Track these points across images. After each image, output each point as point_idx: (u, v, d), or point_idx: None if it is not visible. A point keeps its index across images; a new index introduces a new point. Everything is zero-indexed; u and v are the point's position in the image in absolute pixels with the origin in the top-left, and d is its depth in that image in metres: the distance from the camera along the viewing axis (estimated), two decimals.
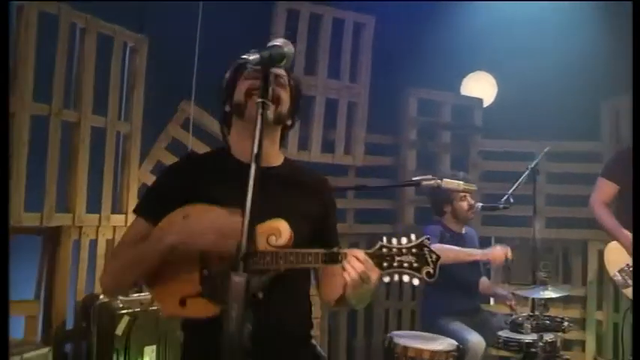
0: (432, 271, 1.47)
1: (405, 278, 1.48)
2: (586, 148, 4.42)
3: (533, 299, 3.13)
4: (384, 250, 1.49)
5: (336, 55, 4.26)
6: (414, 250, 1.48)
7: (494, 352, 3.04)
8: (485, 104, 4.82)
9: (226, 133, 1.67)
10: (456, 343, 2.69)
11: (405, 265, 1.48)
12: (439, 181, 2.57)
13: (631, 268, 2.83)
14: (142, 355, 3.07)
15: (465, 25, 4.61)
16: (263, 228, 1.44)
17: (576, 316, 4.22)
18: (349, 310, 4.09)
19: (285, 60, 1.30)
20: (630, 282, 2.80)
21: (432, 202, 3.82)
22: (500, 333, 2.85)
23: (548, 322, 2.67)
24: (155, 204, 1.58)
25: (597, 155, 4.36)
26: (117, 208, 3.43)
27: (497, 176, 4.54)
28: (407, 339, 2.73)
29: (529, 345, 2.67)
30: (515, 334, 2.76)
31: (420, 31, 4.55)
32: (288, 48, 1.30)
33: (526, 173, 3.32)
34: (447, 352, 2.61)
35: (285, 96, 1.61)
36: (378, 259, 1.48)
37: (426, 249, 1.49)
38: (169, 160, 3.65)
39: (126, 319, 3.02)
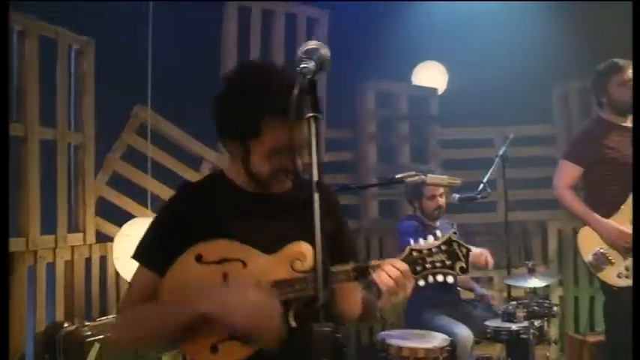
0: (464, 265, 1.45)
1: (439, 278, 1.44)
2: (539, 131, 4.56)
3: (509, 286, 3.20)
4: (415, 253, 1.44)
5: (292, 52, 4.15)
6: (443, 248, 1.45)
7: (483, 343, 3.06)
8: (438, 93, 4.88)
9: (244, 155, 1.43)
10: (449, 338, 2.69)
11: (438, 264, 1.44)
12: (423, 177, 2.55)
13: (602, 250, 2.90)
14: None
15: (415, 16, 4.66)
16: (285, 253, 1.38)
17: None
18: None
19: (327, 64, 1.19)
20: (604, 265, 2.87)
21: (405, 196, 3.81)
22: (488, 323, 2.88)
23: (537, 308, 2.72)
24: (159, 251, 1.42)
25: (550, 138, 4.52)
26: (73, 225, 3.17)
27: (457, 164, 4.60)
28: (399, 339, 2.69)
29: (519, 332, 2.71)
30: (504, 323, 2.80)
31: (371, 23, 4.54)
32: (326, 51, 1.19)
33: (496, 161, 3.35)
34: (442, 349, 2.60)
35: None
36: (410, 264, 1.42)
37: (455, 244, 1.46)
38: (126, 170, 3.42)
39: (97, 346, 2.79)
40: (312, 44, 1.19)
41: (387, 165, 4.64)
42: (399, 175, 2.59)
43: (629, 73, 2.93)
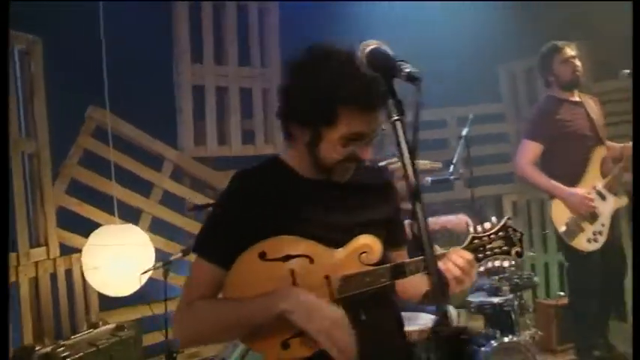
0: (519, 250, 1.47)
1: (497, 263, 1.49)
2: (489, 110, 4.72)
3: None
4: (477, 241, 1.46)
5: (245, 43, 4.07)
6: (500, 234, 1.47)
7: (466, 317, 3.17)
8: None
9: (314, 142, 1.35)
10: (435, 317, 2.76)
11: (497, 250, 1.46)
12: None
13: (573, 219, 3.07)
14: None
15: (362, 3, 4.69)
16: (352, 246, 1.34)
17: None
18: None
19: None
20: (575, 233, 3.05)
21: None
22: (470, 298, 2.98)
23: (518, 280, 2.85)
24: (224, 245, 1.35)
25: (500, 116, 4.71)
26: (35, 240, 2.95)
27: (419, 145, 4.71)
28: None
29: (502, 305, 2.83)
30: (486, 297, 2.90)
31: (319, 9, 4.52)
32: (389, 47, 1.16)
33: (462, 141, 3.45)
34: (428, 327, 2.66)
35: None
36: (473, 252, 1.43)
37: (510, 229, 1.48)
38: (85, 176, 3.23)
39: None
40: (372, 43, 1.15)
41: None
42: (382, 163, 2.62)
43: (569, 51, 3.13)
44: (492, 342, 2.48)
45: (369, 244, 1.33)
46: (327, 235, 1.33)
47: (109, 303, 3.34)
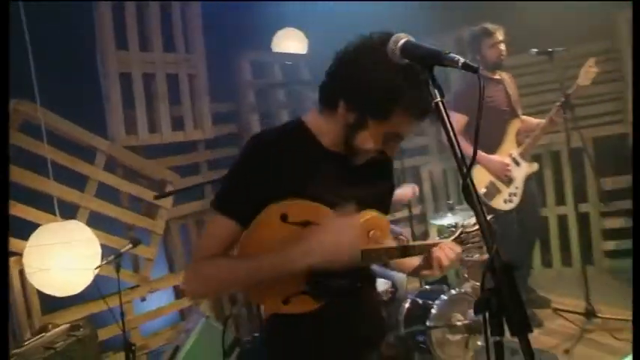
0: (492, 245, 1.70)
1: (476, 257, 1.70)
2: None
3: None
4: (463, 235, 1.65)
5: (168, 30, 4.00)
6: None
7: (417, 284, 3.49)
8: (289, 55, 5.03)
9: (356, 127, 1.42)
10: (389, 281, 3.05)
11: (476, 244, 1.66)
12: None
13: (492, 182, 3.52)
14: None
15: None
16: (363, 219, 1.46)
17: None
18: None
19: None
20: (494, 195, 3.50)
21: None
22: None
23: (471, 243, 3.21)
24: (243, 202, 1.39)
25: None
26: None
27: None
28: None
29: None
30: None
31: None
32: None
33: None
34: (386, 291, 2.96)
35: None
36: (460, 244, 1.62)
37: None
38: (15, 174, 3.03)
39: None
40: (404, 36, 1.26)
41: None
42: None
43: (498, 36, 3.54)
44: (443, 296, 2.83)
45: (377, 222, 1.49)
46: (340, 205, 1.42)
47: (49, 305, 3.22)
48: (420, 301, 2.89)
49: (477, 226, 1.64)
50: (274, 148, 1.43)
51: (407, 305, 2.90)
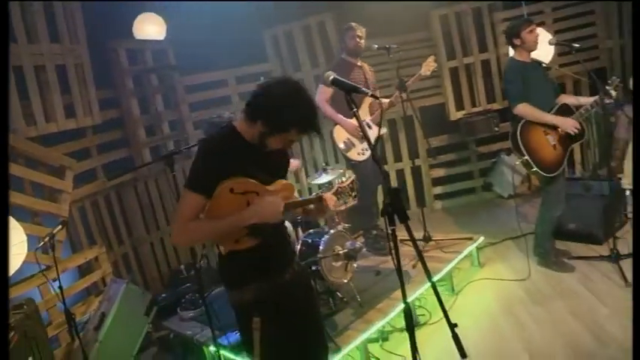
0: (356, 195, 2.57)
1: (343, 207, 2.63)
2: (260, 69, 5.90)
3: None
4: (339, 188, 2.52)
5: (52, 22, 4.31)
6: (350, 185, 2.56)
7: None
8: (158, 42, 5.51)
9: (267, 134, 2.17)
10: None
11: (347, 195, 2.52)
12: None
13: (348, 139, 4.53)
14: None
15: None
16: (278, 185, 2.31)
17: None
18: None
19: None
20: (350, 148, 4.52)
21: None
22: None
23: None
24: (206, 182, 2.14)
25: (268, 73, 5.94)
26: None
27: (202, 105, 5.64)
28: None
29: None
30: None
31: None
32: None
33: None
34: None
35: None
36: (337, 195, 2.49)
37: (354, 183, 2.56)
38: None
39: None
40: (332, 73, 2.19)
41: (148, 116, 5.34)
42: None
43: (359, 32, 4.49)
44: (325, 235, 3.82)
45: (286, 186, 2.35)
46: (262, 178, 2.25)
47: None
48: (310, 241, 3.82)
49: (346, 182, 2.54)
50: (220, 146, 2.20)
51: (299, 246, 3.85)
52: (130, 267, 5.12)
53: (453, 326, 1.93)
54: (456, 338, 1.92)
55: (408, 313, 2.03)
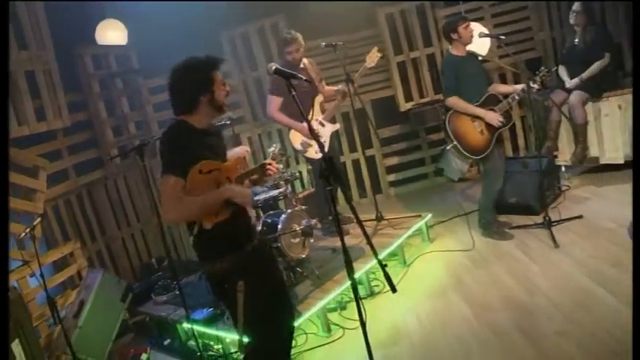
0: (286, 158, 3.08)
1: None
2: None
3: None
4: (273, 154, 2.96)
5: (19, 31, 4.65)
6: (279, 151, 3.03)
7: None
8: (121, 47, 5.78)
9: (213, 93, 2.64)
10: None
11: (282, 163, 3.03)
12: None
13: (304, 141, 4.97)
14: None
15: None
16: (231, 162, 2.75)
17: None
18: None
19: None
20: (307, 148, 4.97)
21: None
22: (257, 198, 4.62)
23: (289, 177, 4.62)
24: (179, 165, 2.53)
25: (226, 73, 6.35)
26: None
27: (166, 105, 6.00)
28: None
29: (277, 197, 4.59)
30: (267, 193, 4.58)
31: None
32: None
33: None
34: None
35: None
36: (274, 160, 2.92)
37: (282, 154, 3.03)
38: None
39: None
40: (274, 63, 2.64)
41: (115, 117, 5.71)
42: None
43: (299, 42, 4.84)
44: (283, 215, 4.26)
45: (240, 161, 2.82)
46: (217, 158, 2.67)
47: None
48: (269, 221, 4.23)
49: (276, 149, 3.02)
50: (179, 136, 2.61)
51: (260, 226, 4.27)
52: (103, 262, 5.47)
53: (383, 266, 2.33)
54: (387, 276, 2.31)
55: (354, 286, 2.40)
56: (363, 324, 2.35)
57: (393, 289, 2.32)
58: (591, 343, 3.05)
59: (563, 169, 5.94)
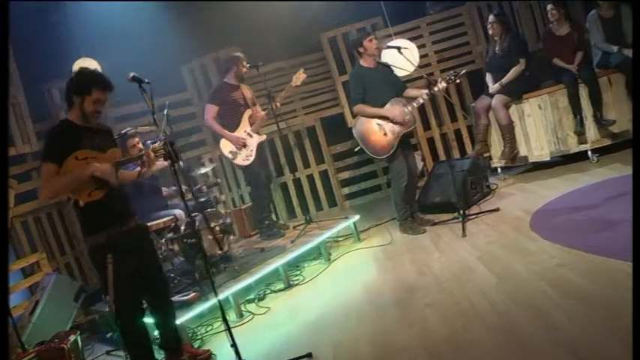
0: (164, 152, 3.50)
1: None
2: (180, 98, 7.07)
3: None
4: (153, 147, 3.45)
5: None
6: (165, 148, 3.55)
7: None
8: None
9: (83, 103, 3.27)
10: (172, 216, 5.02)
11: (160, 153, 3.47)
12: (133, 131, 4.85)
13: (234, 149, 5.59)
14: None
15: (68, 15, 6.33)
16: (109, 152, 3.37)
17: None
18: None
19: None
20: (236, 156, 5.61)
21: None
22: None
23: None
24: (57, 154, 3.19)
25: (188, 100, 7.16)
26: None
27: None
28: (147, 220, 4.86)
29: (206, 202, 5.26)
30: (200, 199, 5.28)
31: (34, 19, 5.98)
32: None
33: (165, 120, 5.71)
34: (171, 219, 4.91)
35: None
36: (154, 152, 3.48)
37: (169, 145, 3.50)
38: None
39: None
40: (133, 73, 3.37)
41: None
42: (122, 131, 4.80)
43: (242, 60, 5.59)
44: (202, 214, 4.93)
45: (116, 153, 3.42)
46: (95, 148, 3.31)
47: None
48: (191, 220, 4.91)
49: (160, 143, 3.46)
50: (59, 130, 3.32)
51: (183, 226, 4.91)
52: (73, 274, 6.21)
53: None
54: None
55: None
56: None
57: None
58: (452, 309, 3.46)
59: (499, 170, 6.39)
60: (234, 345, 3.29)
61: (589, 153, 5.82)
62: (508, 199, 5.56)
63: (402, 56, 5.27)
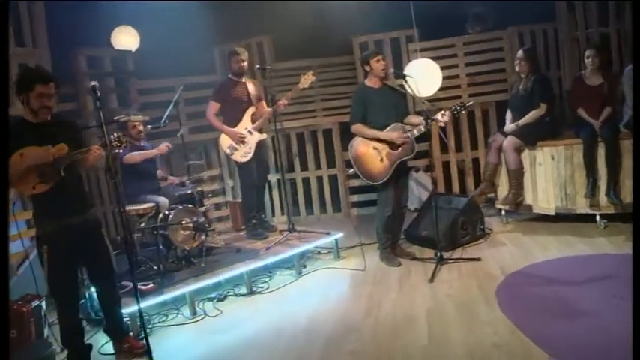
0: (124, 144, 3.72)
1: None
2: (207, 79, 7.31)
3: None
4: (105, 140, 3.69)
5: (19, 29, 5.97)
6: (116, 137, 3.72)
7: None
8: (133, 51, 7.15)
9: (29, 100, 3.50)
10: (153, 204, 5.32)
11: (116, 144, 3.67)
12: (127, 117, 5.12)
13: (232, 145, 5.82)
14: None
15: None
16: (57, 147, 3.54)
17: (217, 187, 7.46)
18: None
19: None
20: (234, 152, 5.80)
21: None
22: (177, 193, 5.58)
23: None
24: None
25: (213, 83, 7.39)
26: None
27: (151, 105, 7.14)
28: (130, 205, 5.21)
29: (192, 194, 5.52)
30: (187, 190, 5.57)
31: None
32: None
33: (172, 104, 5.91)
34: (151, 207, 5.22)
35: None
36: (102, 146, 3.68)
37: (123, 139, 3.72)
38: None
39: None
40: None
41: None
42: (115, 117, 5.07)
43: (242, 56, 5.77)
44: (179, 206, 5.21)
45: (62, 148, 3.56)
46: (44, 144, 3.52)
47: None
48: (167, 212, 5.13)
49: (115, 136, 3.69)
50: (17, 127, 3.54)
51: (161, 216, 5.17)
52: None
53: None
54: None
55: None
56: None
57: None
58: None
59: (503, 212, 6.26)
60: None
61: (597, 217, 5.62)
62: (495, 250, 5.49)
63: (407, 85, 5.20)
